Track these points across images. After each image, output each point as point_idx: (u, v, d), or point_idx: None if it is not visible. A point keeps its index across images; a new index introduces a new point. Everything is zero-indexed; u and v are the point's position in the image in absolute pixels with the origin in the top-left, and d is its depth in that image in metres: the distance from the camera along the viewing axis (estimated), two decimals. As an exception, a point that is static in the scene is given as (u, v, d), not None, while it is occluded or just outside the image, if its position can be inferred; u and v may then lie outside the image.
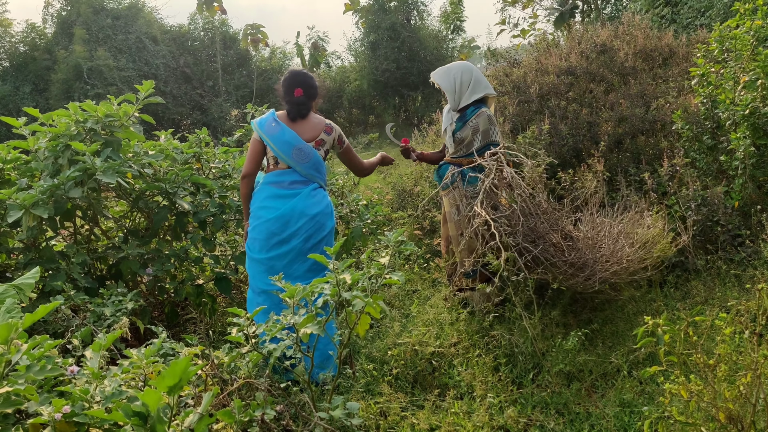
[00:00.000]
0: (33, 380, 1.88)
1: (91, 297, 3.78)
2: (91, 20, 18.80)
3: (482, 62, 27.86)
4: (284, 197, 3.69)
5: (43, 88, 18.21)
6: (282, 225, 3.64)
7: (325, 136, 3.81)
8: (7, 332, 1.78)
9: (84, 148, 3.89)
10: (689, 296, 4.12)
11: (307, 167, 3.72)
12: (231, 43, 21.67)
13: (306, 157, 3.71)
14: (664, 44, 6.48)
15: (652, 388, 3.15)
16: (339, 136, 3.89)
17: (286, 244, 3.64)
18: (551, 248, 3.76)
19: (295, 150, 3.70)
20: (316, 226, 3.67)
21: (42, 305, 1.94)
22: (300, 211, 3.64)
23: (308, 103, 3.79)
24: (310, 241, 3.65)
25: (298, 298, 2.46)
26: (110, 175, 3.90)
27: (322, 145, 3.80)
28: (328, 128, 3.84)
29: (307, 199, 3.68)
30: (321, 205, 3.72)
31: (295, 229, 3.63)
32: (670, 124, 5.55)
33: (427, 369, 3.56)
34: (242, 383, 2.53)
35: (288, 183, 3.72)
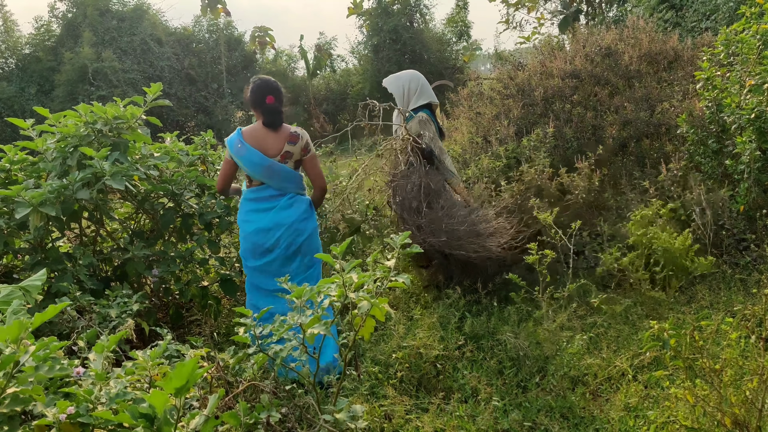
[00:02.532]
0: (41, 379, 1.88)
1: (97, 298, 3.79)
2: (96, 22, 18.88)
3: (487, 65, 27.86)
4: (262, 211, 3.84)
5: (47, 90, 18.27)
6: (263, 236, 3.82)
7: (290, 147, 3.77)
8: (18, 331, 1.79)
9: (93, 153, 3.90)
10: (694, 300, 4.12)
11: (278, 182, 3.81)
12: (235, 45, 21.73)
13: (275, 174, 3.78)
14: (669, 47, 6.48)
15: (657, 392, 3.14)
16: (305, 145, 3.82)
17: (271, 253, 3.83)
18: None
19: (264, 169, 3.77)
20: (295, 233, 3.81)
21: (51, 305, 1.95)
22: (276, 222, 3.80)
23: (280, 109, 3.81)
24: (292, 247, 3.82)
25: (305, 299, 2.46)
26: (119, 180, 3.92)
27: (288, 157, 3.79)
28: (293, 137, 3.79)
29: (283, 211, 3.82)
30: (297, 212, 3.83)
31: (275, 239, 3.80)
32: (674, 127, 5.55)
33: (431, 372, 3.56)
34: (247, 385, 2.53)
35: (265, 198, 3.86)
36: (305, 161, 3.85)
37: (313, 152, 3.87)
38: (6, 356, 1.78)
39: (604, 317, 4.05)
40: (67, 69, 17.62)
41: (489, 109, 6.78)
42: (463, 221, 4.34)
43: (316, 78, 21.13)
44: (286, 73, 21.72)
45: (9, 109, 17.36)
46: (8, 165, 4.22)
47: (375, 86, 18.87)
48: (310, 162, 3.86)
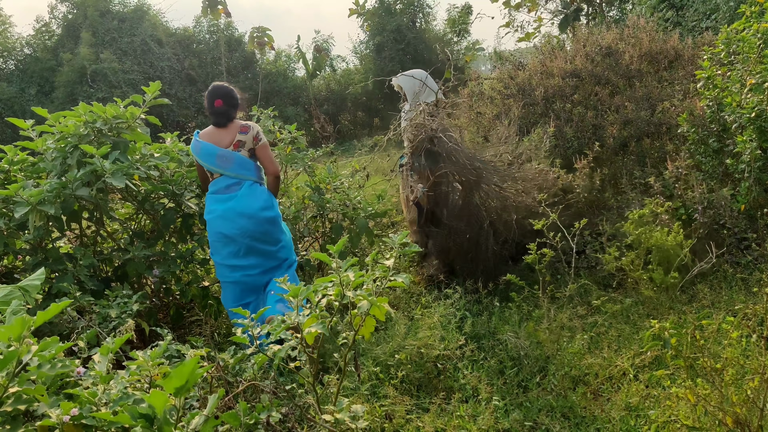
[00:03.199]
0: (44, 377, 1.88)
1: (97, 299, 3.79)
2: (97, 23, 18.85)
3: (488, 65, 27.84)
4: (223, 201, 4.07)
5: (47, 91, 18.26)
6: (224, 224, 4.02)
7: (242, 137, 4.08)
8: (21, 329, 1.78)
9: (93, 151, 3.90)
10: (695, 299, 4.11)
11: (233, 169, 4.06)
12: (236, 45, 21.70)
13: (228, 161, 4.06)
14: (669, 47, 6.46)
15: (658, 391, 3.13)
16: (256, 134, 4.12)
17: (230, 240, 4.03)
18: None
19: (217, 158, 4.06)
20: (257, 222, 4.01)
21: (53, 304, 1.94)
22: (239, 211, 3.99)
23: (229, 111, 4.11)
24: (252, 234, 4.01)
25: (302, 298, 2.46)
26: (119, 178, 3.93)
27: (242, 146, 4.08)
28: (244, 128, 4.10)
29: (243, 199, 4.02)
30: (258, 201, 4.04)
31: (235, 228, 4.00)
32: (675, 127, 5.54)
33: (432, 372, 3.55)
34: (247, 385, 2.52)
35: (224, 188, 4.09)
36: (257, 150, 4.10)
37: (264, 141, 4.12)
38: (8, 353, 1.77)
39: (605, 317, 4.05)
40: (67, 70, 17.61)
41: (490, 108, 6.77)
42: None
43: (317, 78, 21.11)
44: (286, 73, 21.69)
45: (9, 109, 17.35)
46: (8, 166, 4.22)
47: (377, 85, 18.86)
48: (261, 150, 4.11)
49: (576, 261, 4.79)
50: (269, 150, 4.15)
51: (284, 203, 5.42)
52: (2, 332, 1.80)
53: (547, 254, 3.76)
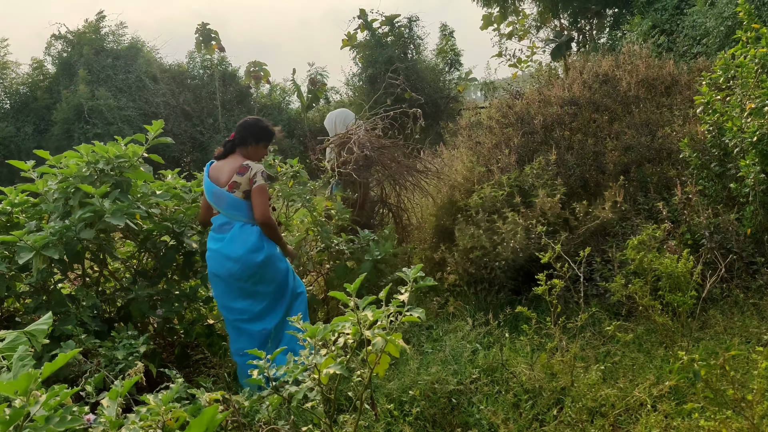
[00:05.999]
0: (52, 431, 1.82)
1: (102, 340, 3.72)
2: (92, 60, 18.98)
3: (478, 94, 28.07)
4: (216, 240, 4.10)
5: (44, 129, 18.30)
6: (213, 263, 4.08)
7: (237, 178, 4.02)
8: (27, 383, 1.73)
9: (93, 191, 3.87)
10: (708, 326, 4.07)
11: (226, 209, 4.06)
12: (230, 80, 21.86)
13: (222, 201, 4.05)
14: (666, 73, 6.52)
15: (678, 422, 3.07)
16: (253, 176, 4.03)
17: (221, 281, 4.07)
18: None
19: (213, 195, 4.09)
20: (245, 264, 3.98)
21: (61, 354, 1.89)
22: (225, 255, 4.01)
23: (233, 144, 4.17)
24: (237, 278, 4.01)
25: (320, 338, 2.41)
26: (119, 217, 3.90)
27: (236, 187, 4.03)
28: (242, 168, 4.03)
29: (231, 243, 4.01)
30: (246, 244, 4.00)
31: (224, 270, 4.02)
32: (676, 152, 5.55)
33: (446, 407, 3.49)
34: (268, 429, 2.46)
35: (218, 226, 4.12)
36: (251, 192, 4.03)
37: (259, 184, 4.02)
38: (15, 410, 1.72)
39: (618, 346, 4.00)
40: (63, 108, 17.67)
41: (489, 138, 6.78)
42: None
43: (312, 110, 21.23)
44: (280, 106, 21.83)
45: (6, 149, 17.36)
46: (9, 208, 4.17)
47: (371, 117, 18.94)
48: (254, 193, 4.02)
49: (586, 289, 4.75)
50: (263, 195, 4.02)
51: (286, 237, 5.38)
52: (8, 386, 1.74)
53: (557, 284, 3.72)
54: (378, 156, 6.10)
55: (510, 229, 4.96)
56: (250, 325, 4.07)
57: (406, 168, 6.29)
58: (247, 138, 4.18)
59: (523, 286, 5.11)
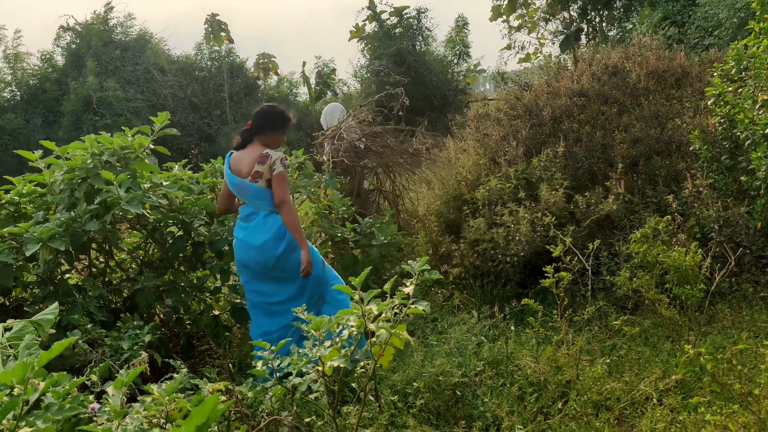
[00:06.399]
0: (52, 420, 1.82)
1: (108, 330, 3.73)
2: (100, 52, 19.03)
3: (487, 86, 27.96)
4: (241, 228, 4.13)
5: (53, 120, 18.38)
6: (239, 252, 4.12)
7: (259, 167, 4.02)
8: (23, 372, 1.73)
9: (112, 177, 3.88)
10: (715, 320, 4.04)
11: (250, 199, 4.07)
12: (238, 71, 21.85)
13: (246, 192, 4.07)
14: (676, 65, 6.45)
15: (684, 416, 3.05)
16: (273, 163, 4.01)
17: (248, 270, 4.11)
18: None
19: (236, 187, 4.11)
20: (267, 253, 4.00)
21: (57, 342, 1.90)
22: (248, 243, 4.03)
23: (251, 132, 4.16)
24: (263, 266, 4.03)
25: (324, 330, 2.40)
26: (135, 205, 3.91)
27: (259, 177, 4.02)
28: (262, 157, 4.02)
29: (255, 231, 4.04)
30: (269, 232, 4.01)
31: (248, 258, 4.06)
32: (686, 144, 5.50)
33: (451, 399, 3.48)
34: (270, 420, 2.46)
35: (245, 216, 4.14)
36: (272, 179, 4.02)
37: (279, 171, 4.00)
38: (11, 400, 1.72)
39: (624, 339, 3.98)
40: (72, 99, 17.73)
41: (496, 130, 6.74)
42: None
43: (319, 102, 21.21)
44: (288, 98, 21.81)
45: (15, 140, 17.43)
46: (17, 198, 4.19)
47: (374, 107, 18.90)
48: (274, 179, 4.01)
49: (592, 282, 4.72)
50: (282, 180, 4.02)
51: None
52: (5, 375, 1.75)
53: (564, 277, 3.70)
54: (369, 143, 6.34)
55: (516, 222, 4.94)
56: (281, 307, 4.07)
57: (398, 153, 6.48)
58: (264, 126, 4.15)
59: (530, 279, 5.09)
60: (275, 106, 4.29)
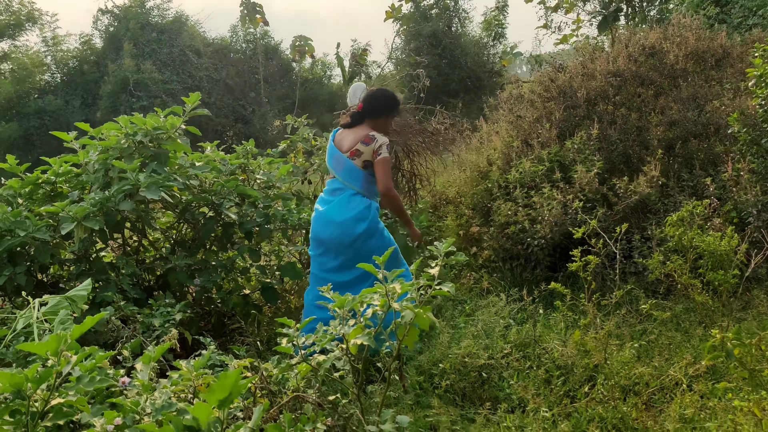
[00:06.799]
0: (83, 392, 1.87)
1: (140, 308, 3.82)
2: (138, 35, 19.28)
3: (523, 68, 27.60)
4: (323, 202, 4.17)
5: (91, 102, 18.72)
6: (317, 227, 4.14)
7: (361, 146, 4.03)
8: (57, 344, 1.78)
9: (126, 166, 3.94)
10: (750, 306, 3.95)
11: (342, 175, 4.09)
12: (272, 54, 21.94)
13: (340, 166, 4.10)
14: (717, 45, 6.26)
15: (714, 402, 3.00)
16: (378, 148, 4.01)
17: (323, 245, 4.11)
18: None
19: (333, 159, 4.16)
20: (344, 232, 4.00)
21: (89, 317, 1.94)
22: (329, 218, 4.05)
23: (361, 115, 4.16)
24: (338, 243, 4.02)
25: (348, 309, 2.42)
26: (153, 190, 3.96)
27: (357, 155, 4.04)
28: (367, 138, 4.04)
29: (338, 207, 4.05)
30: (351, 211, 4.01)
31: (326, 234, 4.06)
32: (724, 127, 5.35)
33: (477, 381, 3.48)
34: (292, 396, 2.49)
35: (331, 190, 4.18)
36: (375, 164, 4.01)
37: (383, 156, 4.00)
38: (45, 370, 1.77)
39: (654, 324, 3.92)
40: (110, 81, 18.03)
41: (530, 112, 6.65)
42: None
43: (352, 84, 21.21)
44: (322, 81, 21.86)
45: (55, 121, 17.83)
46: (54, 178, 4.29)
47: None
48: (377, 165, 4.01)
49: (623, 266, 4.66)
50: (386, 166, 4.01)
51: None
52: (39, 347, 1.80)
53: (592, 261, 3.65)
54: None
55: (547, 205, 4.88)
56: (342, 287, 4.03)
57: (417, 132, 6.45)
58: (379, 110, 4.17)
59: (560, 263, 5.04)
60: (389, 91, 4.32)
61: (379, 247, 3.98)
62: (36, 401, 1.81)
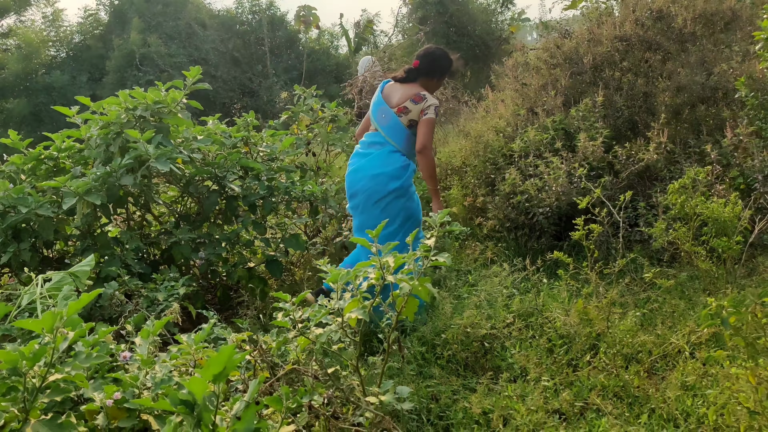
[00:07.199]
0: (80, 368, 1.89)
1: (145, 282, 3.84)
2: (143, 8, 19.15)
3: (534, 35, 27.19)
4: (360, 155, 4.13)
5: (98, 77, 18.69)
6: (351, 180, 4.11)
7: (410, 104, 3.99)
8: (52, 321, 1.80)
9: (138, 135, 3.93)
10: (755, 273, 3.92)
11: (386, 129, 4.04)
12: (278, 24, 21.75)
13: (385, 119, 4.04)
14: (726, 7, 6.12)
15: (716, 370, 2.99)
16: (425, 108, 3.97)
17: (355, 198, 4.11)
18: None
19: (379, 111, 4.08)
20: (376, 186, 3.97)
21: (84, 294, 1.95)
22: (364, 171, 4.02)
23: (417, 72, 4.10)
24: (372, 198, 4.00)
25: (342, 282, 2.42)
26: (163, 162, 3.96)
27: (405, 113, 4.00)
28: (417, 97, 3.99)
29: (375, 160, 4.02)
30: (388, 167, 3.99)
31: (359, 187, 4.04)
32: (732, 91, 5.26)
33: (479, 351, 3.49)
34: (289, 369, 2.51)
35: (368, 144, 4.13)
36: (419, 124, 3.98)
37: (429, 116, 3.96)
38: (40, 348, 1.79)
39: (659, 292, 3.91)
40: (116, 55, 17.97)
41: (535, 79, 6.57)
42: None
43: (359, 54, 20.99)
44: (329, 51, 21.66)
45: (63, 97, 17.81)
46: (56, 153, 4.29)
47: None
48: (421, 123, 3.97)
49: (629, 234, 4.63)
50: (429, 127, 3.97)
51: (327, 182, 5.39)
52: (34, 323, 1.81)
53: (594, 230, 3.63)
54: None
55: (552, 174, 4.84)
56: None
57: None
58: (435, 70, 4.15)
59: (565, 232, 5.01)
60: (447, 52, 4.26)
61: (406, 208, 4.04)
62: (33, 378, 1.83)
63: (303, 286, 4.69)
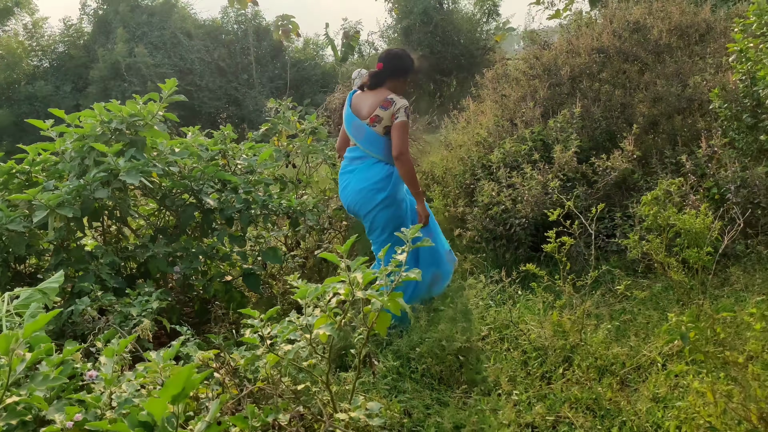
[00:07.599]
0: (34, 391, 1.87)
1: (120, 297, 3.81)
2: (128, 18, 19.10)
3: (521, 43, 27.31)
4: (346, 173, 4.16)
5: (82, 87, 18.60)
6: (343, 198, 4.19)
7: (380, 111, 3.95)
8: (7, 343, 1.78)
9: (106, 149, 3.91)
10: (728, 283, 3.95)
11: (363, 143, 4.03)
12: (264, 35, 21.76)
13: (360, 133, 4.03)
14: (701, 20, 6.20)
15: (688, 381, 3.01)
16: (395, 112, 3.94)
17: (352, 212, 4.21)
18: None
19: (353, 127, 4.07)
20: (364, 199, 4.02)
21: (42, 315, 1.93)
22: (351, 187, 4.07)
23: (382, 76, 4.04)
24: (362, 211, 4.08)
25: (311, 299, 2.41)
26: (133, 175, 3.93)
27: (378, 121, 3.97)
28: (386, 102, 3.94)
29: (359, 175, 4.04)
30: (370, 180, 4.00)
31: (349, 202, 4.13)
32: (707, 103, 5.32)
33: (454, 365, 3.49)
34: (256, 388, 2.49)
35: (350, 159, 4.14)
36: (392, 128, 3.94)
37: (401, 120, 3.92)
38: (-2, 370, 1.77)
39: (633, 303, 3.92)
40: (100, 66, 17.89)
41: (515, 90, 6.62)
42: None
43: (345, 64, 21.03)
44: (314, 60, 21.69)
45: (46, 107, 17.67)
46: (28, 167, 4.25)
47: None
48: (393, 128, 3.94)
49: (605, 245, 4.65)
50: (403, 130, 3.92)
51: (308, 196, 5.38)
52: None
53: (567, 242, 3.64)
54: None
55: (526, 185, 4.87)
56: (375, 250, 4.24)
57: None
58: (399, 69, 4.10)
59: (543, 243, 5.03)
60: (408, 51, 4.23)
61: (396, 217, 4.06)
62: (-10, 400, 1.81)
63: (281, 299, 4.67)
